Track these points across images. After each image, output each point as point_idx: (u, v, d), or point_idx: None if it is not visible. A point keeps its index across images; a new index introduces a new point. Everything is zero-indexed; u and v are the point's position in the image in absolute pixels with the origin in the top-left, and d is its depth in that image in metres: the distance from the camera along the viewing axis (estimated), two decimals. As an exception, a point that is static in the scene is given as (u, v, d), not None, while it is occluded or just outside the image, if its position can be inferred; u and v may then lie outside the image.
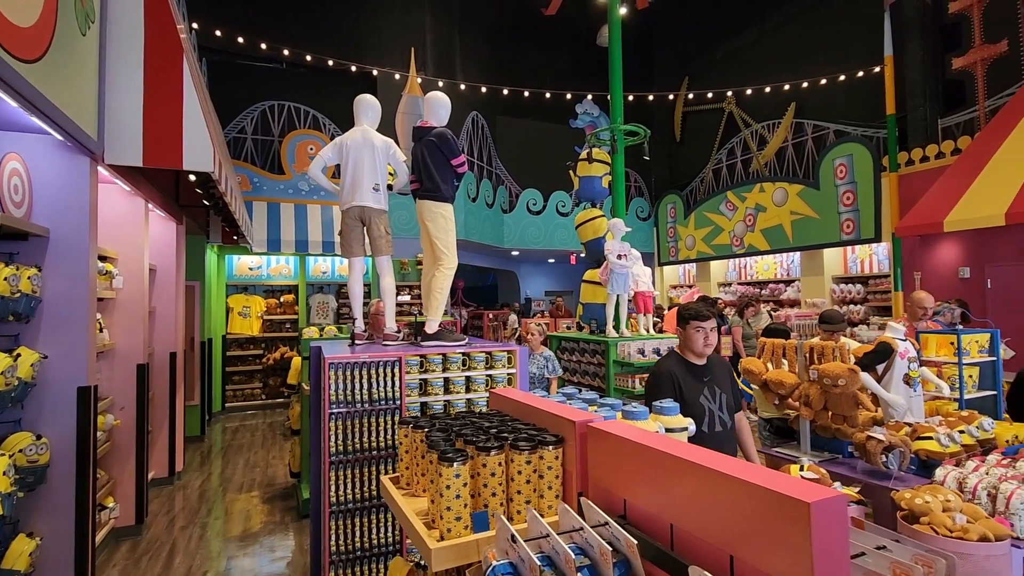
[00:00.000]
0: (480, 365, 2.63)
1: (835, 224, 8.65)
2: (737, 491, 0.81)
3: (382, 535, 2.42)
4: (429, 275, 2.97)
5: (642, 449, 1.03)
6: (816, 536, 0.70)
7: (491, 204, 10.83)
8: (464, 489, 1.18)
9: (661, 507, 0.97)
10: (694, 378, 2.40)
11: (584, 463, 1.21)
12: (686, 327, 2.44)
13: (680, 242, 12.03)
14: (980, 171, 6.57)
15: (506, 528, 0.97)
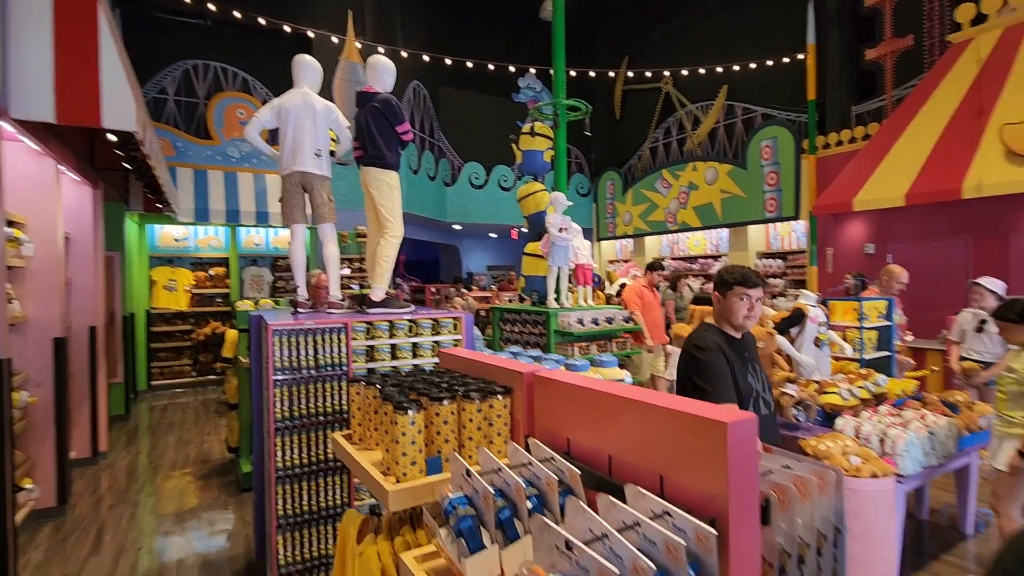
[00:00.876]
0: (427, 331, 2.68)
1: (760, 202, 9.21)
2: (667, 420, 0.93)
3: (330, 497, 2.46)
4: (374, 243, 2.96)
5: (584, 392, 1.13)
6: (731, 450, 0.82)
7: (433, 177, 10.70)
8: (419, 436, 1.25)
9: (600, 441, 1.08)
10: (737, 355, 2.05)
11: (531, 409, 1.30)
12: (727, 294, 2.07)
13: (618, 218, 12.40)
14: (885, 156, 7.18)
15: (461, 464, 1.05)
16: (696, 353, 1.99)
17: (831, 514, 0.99)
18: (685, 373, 2.05)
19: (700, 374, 1.95)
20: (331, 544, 2.47)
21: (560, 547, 0.78)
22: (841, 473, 1.00)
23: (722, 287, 2.10)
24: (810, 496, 0.96)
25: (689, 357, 2.03)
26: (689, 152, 11.45)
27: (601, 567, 0.71)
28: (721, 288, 2.10)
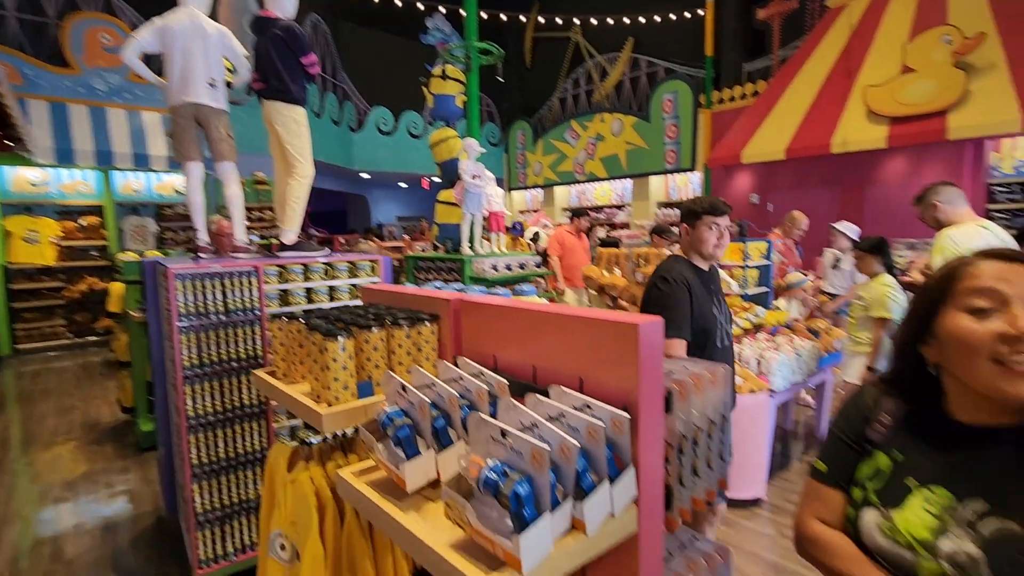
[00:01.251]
0: (343, 274, 2.64)
1: (661, 154, 9.69)
2: (586, 328, 1.03)
3: (248, 443, 2.41)
4: (283, 185, 2.81)
5: (509, 311, 1.21)
6: (642, 349, 0.94)
7: (338, 121, 10.10)
8: (350, 361, 1.28)
9: (525, 355, 1.18)
10: (703, 287, 2.02)
11: (458, 333, 1.37)
12: (696, 223, 2.03)
13: (529, 168, 12.50)
14: (769, 113, 7.80)
15: (396, 381, 1.10)
16: (660, 285, 1.98)
17: (720, 404, 1.17)
18: (646, 302, 2.04)
19: (660, 306, 1.93)
20: (252, 489, 2.45)
21: (495, 437, 0.87)
22: (730, 369, 1.17)
23: (690, 218, 2.06)
24: (703, 389, 1.12)
25: (653, 287, 2.01)
26: (597, 104, 11.68)
27: (533, 447, 0.80)
28: (689, 219, 2.06)
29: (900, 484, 0.83)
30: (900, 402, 0.89)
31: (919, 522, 0.78)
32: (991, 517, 0.73)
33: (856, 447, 0.91)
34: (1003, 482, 0.74)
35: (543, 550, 0.82)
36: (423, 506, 1.05)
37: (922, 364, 0.84)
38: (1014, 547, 0.70)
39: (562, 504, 0.86)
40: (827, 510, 0.91)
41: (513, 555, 0.79)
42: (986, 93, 5.94)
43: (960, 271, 0.77)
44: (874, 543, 0.82)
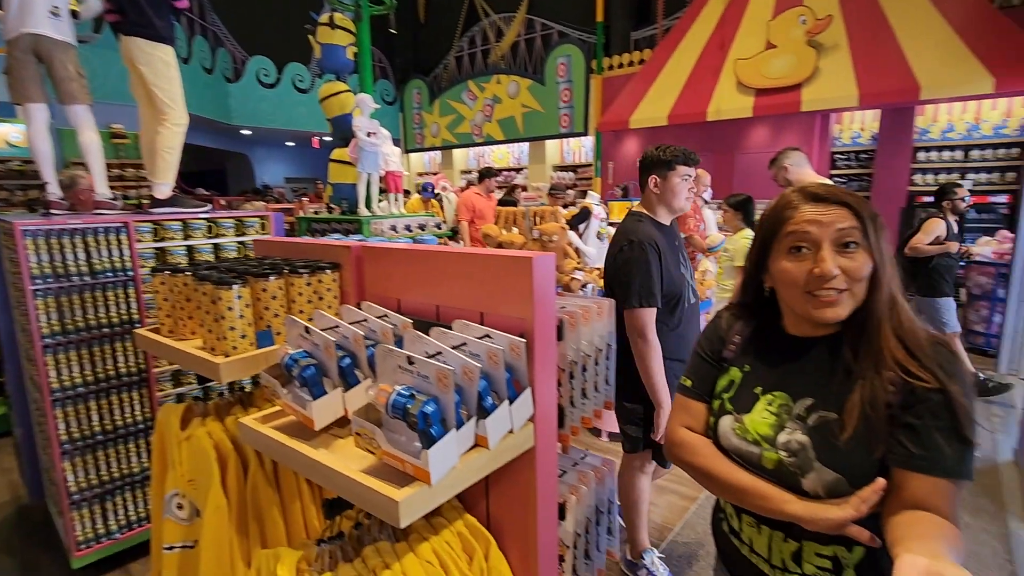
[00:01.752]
0: (230, 232, 2.48)
1: (556, 118, 9.91)
2: (486, 264, 1.10)
3: (127, 415, 2.24)
4: (151, 134, 2.53)
5: (411, 254, 1.25)
6: (536, 280, 1.03)
7: (210, 70, 9.11)
8: (247, 310, 1.25)
9: (428, 296, 1.23)
10: (668, 245, 1.91)
11: (360, 280, 1.38)
12: (668, 174, 1.91)
13: (426, 129, 12.20)
14: (654, 81, 8.24)
15: (299, 324, 1.10)
16: (627, 249, 1.87)
17: (606, 334, 1.31)
18: (613, 268, 1.93)
19: (628, 272, 1.84)
20: (137, 462, 2.29)
21: (402, 365, 0.92)
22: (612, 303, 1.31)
23: (662, 168, 1.92)
24: (591, 320, 1.25)
25: (620, 251, 1.90)
26: (493, 65, 11.59)
27: (438, 369, 0.87)
28: (660, 169, 1.93)
29: (749, 392, 0.99)
30: (748, 324, 1.05)
31: (763, 421, 0.94)
32: (816, 411, 0.90)
33: (715, 364, 1.06)
34: (822, 380, 0.91)
35: (449, 463, 0.89)
36: (332, 443, 1.08)
37: (763, 291, 1.01)
38: (829, 431, 0.87)
39: (466, 423, 0.93)
40: (692, 419, 1.06)
41: (422, 469, 0.86)
42: (831, 70, 6.73)
43: (784, 214, 0.92)
44: (729, 443, 0.97)
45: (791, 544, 0.93)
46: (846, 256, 0.85)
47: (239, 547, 1.28)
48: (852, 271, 0.84)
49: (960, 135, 7.01)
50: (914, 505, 0.79)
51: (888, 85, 6.33)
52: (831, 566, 0.90)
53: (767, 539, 0.96)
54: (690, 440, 1.03)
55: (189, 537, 1.38)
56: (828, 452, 0.86)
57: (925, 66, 6.13)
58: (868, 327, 0.86)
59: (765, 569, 0.98)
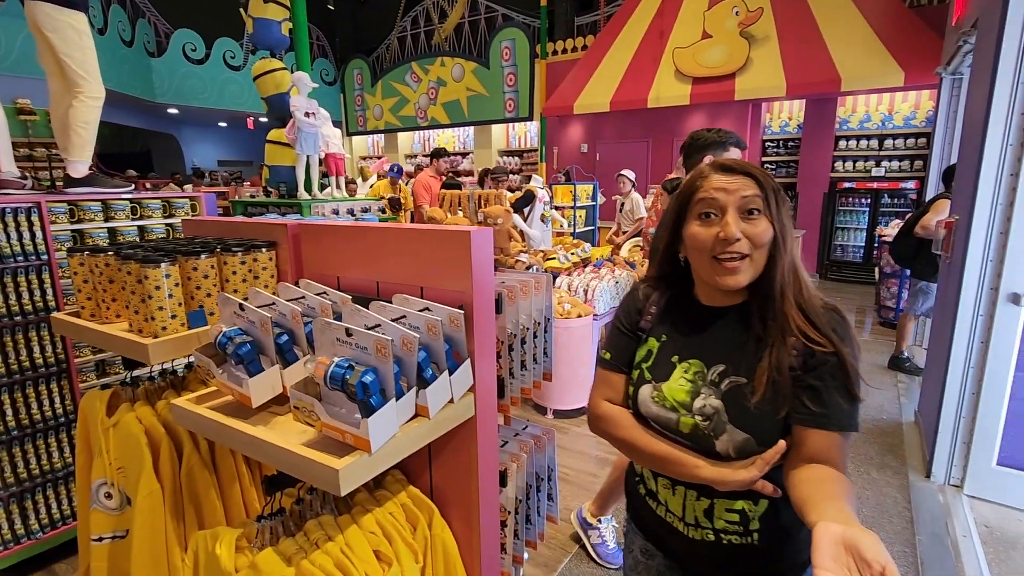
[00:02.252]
0: (157, 213, 2.35)
1: (501, 102, 9.88)
2: (424, 239, 1.11)
3: (48, 408, 2.11)
4: (62, 107, 2.35)
5: (351, 231, 1.24)
6: (474, 253, 1.05)
7: (130, 42, 8.47)
8: (176, 289, 1.20)
9: (368, 272, 1.23)
10: None
11: (298, 258, 1.36)
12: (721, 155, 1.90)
13: (368, 111, 11.87)
14: (597, 67, 8.36)
15: (233, 301, 1.08)
16: None
17: (544, 308, 1.35)
18: None
19: None
20: (59, 457, 2.17)
21: (340, 338, 0.92)
22: (551, 275, 1.35)
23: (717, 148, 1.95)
24: (529, 294, 1.29)
25: None
26: (437, 46, 11.38)
27: (377, 339, 0.88)
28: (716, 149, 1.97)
29: (667, 361, 1.02)
30: (663, 295, 1.10)
31: (680, 388, 1.00)
32: (728, 376, 0.96)
33: (632, 335, 1.10)
34: (733, 347, 0.98)
35: (389, 432, 0.91)
36: (271, 420, 1.07)
37: (677, 262, 1.07)
38: (740, 395, 0.94)
39: (406, 393, 0.95)
40: (613, 391, 1.10)
41: (362, 438, 0.87)
42: (762, 61, 7.05)
43: (696, 184, 0.98)
44: (648, 410, 1.03)
45: (703, 502, 1.00)
46: (749, 222, 0.92)
47: (175, 533, 1.26)
48: (754, 236, 0.91)
49: (876, 125, 7.52)
50: (812, 458, 0.87)
51: (812, 76, 6.70)
52: (739, 519, 0.98)
53: (681, 499, 1.03)
54: (611, 413, 1.08)
55: (120, 527, 1.33)
56: (739, 415, 0.93)
57: (845, 60, 6.53)
58: (772, 296, 0.93)
59: (679, 527, 1.04)
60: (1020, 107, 2.32)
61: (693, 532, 1.02)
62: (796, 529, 0.98)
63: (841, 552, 0.65)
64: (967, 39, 3.30)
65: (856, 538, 0.65)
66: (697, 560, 1.05)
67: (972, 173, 2.50)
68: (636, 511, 1.17)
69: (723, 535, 1.00)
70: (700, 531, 1.02)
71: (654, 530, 1.12)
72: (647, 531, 1.14)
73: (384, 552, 1.03)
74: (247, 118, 10.46)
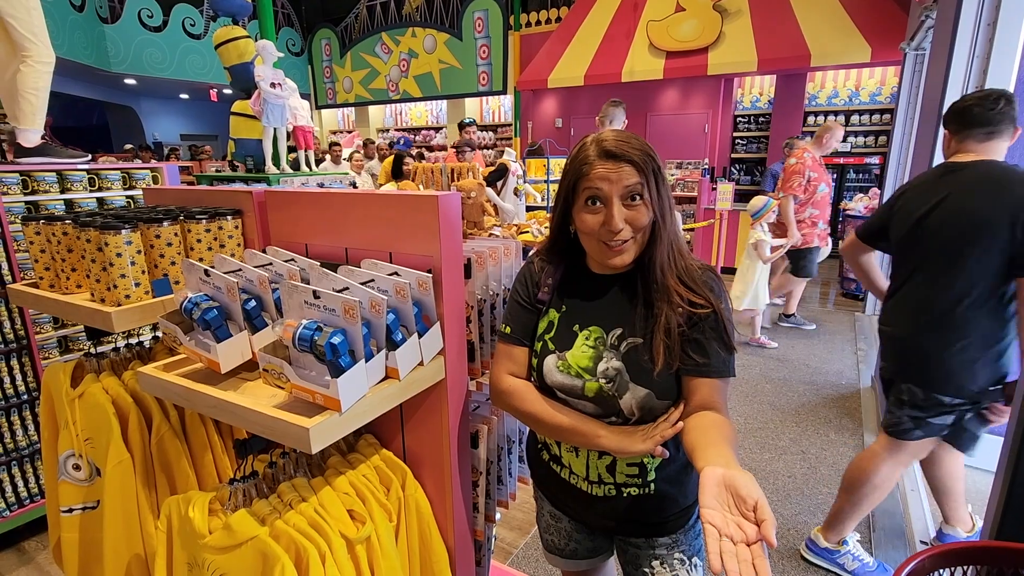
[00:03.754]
0: (117, 185, 2.28)
1: (474, 76, 9.71)
2: (393, 204, 1.12)
3: (8, 386, 2.06)
4: (8, 72, 2.24)
5: (319, 197, 1.23)
6: (442, 218, 1.06)
7: (80, 7, 8.02)
8: (139, 256, 1.18)
9: (336, 239, 1.23)
10: None
11: (265, 226, 1.35)
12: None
13: (337, 84, 11.54)
14: (571, 39, 8.27)
15: (197, 268, 1.07)
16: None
17: (513, 274, 1.37)
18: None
19: None
20: (23, 435, 2.12)
21: (308, 301, 0.93)
22: (520, 243, 1.37)
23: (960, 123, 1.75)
24: (498, 260, 1.30)
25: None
26: (408, 16, 11.08)
27: (345, 300, 0.89)
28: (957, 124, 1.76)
29: (568, 331, 1.07)
30: (558, 267, 1.14)
31: (583, 355, 1.05)
32: (625, 338, 1.01)
33: (532, 308, 1.13)
34: (626, 311, 1.04)
35: (359, 393, 0.93)
36: (240, 385, 1.08)
37: (569, 235, 1.10)
38: (638, 354, 1.00)
39: (376, 355, 0.97)
40: (515, 365, 1.13)
41: (332, 398, 0.89)
42: (734, 35, 7.07)
43: (581, 169, 1.01)
44: (554, 379, 1.07)
45: (606, 459, 1.08)
46: (631, 208, 0.97)
47: (147, 501, 1.26)
48: (635, 221, 0.97)
49: (843, 101, 7.66)
50: (699, 405, 0.96)
51: (783, 52, 6.76)
52: (638, 471, 1.08)
53: (584, 460, 1.11)
54: (515, 387, 1.12)
55: (90, 498, 1.33)
56: (639, 373, 1.00)
57: (815, 35, 6.60)
58: (654, 271, 1.00)
59: (582, 486, 1.12)
60: (976, 82, 2.39)
61: (596, 489, 1.11)
62: (685, 476, 1.10)
63: (723, 491, 0.72)
64: (928, 14, 3.37)
65: (734, 478, 0.72)
66: (598, 516, 1.14)
67: (928, 150, 2.58)
68: (540, 478, 1.26)
69: (623, 488, 1.09)
70: (603, 487, 1.10)
71: (556, 494, 1.21)
72: (551, 496, 1.23)
73: (358, 511, 1.05)
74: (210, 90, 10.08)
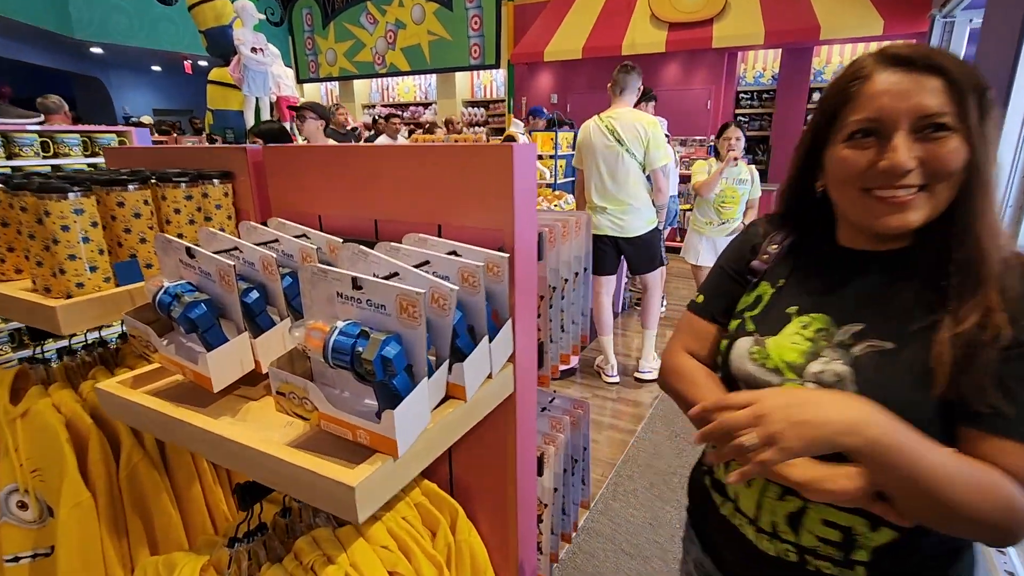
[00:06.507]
0: (75, 151, 1.93)
1: (465, 48, 9.26)
2: (446, 159, 0.82)
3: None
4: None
5: (337, 155, 0.93)
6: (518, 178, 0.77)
7: (35, -35, 7.37)
8: (95, 231, 0.87)
9: (362, 209, 0.93)
10: None
11: (263, 194, 1.04)
12: None
13: (320, 56, 10.97)
14: (568, 10, 7.88)
15: (176, 246, 0.77)
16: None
17: (582, 254, 1.09)
18: None
19: None
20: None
21: (343, 293, 0.64)
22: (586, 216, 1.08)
23: None
24: (568, 236, 1.02)
25: None
26: (394, -16, 10.51)
27: (402, 293, 0.60)
28: None
29: (780, 312, 0.79)
30: (788, 233, 0.84)
31: (792, 347, 0.74)
32: (865, 339, 0.70)
33: (738, 279, 0.86)
34: (879, 305, 0.72)
35: (420, 424, 0.64)
36: (240, 408, 0.78)
37: (810, 194, 0.79)
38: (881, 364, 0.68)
39: (437, 370, 0.68)
40: (697, 342, 0.87)
41: (386, 438, 0.60)
42: (740, 6, 6.75)
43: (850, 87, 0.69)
44: (743, 369, 0.78)
45: (790, 502, 0.72)
46: (932, 141, 0.64)
47: (116, 552, 0.97)
48: (937, 162, 0.63)
49: (849, 77, 7.42)
50: None
51: (791, 24, 6.47)
52: (840, 540, 0.69)
53: (757, 493, 0.76)
54: (687, 368, 0.84)
55: (42, 543, 1.03)
56: (874, 389, 0.66)
57: (825, 7, 6.31)
58: (963, 247, 0.65)
59: (748, 533, 0.78)
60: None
61: (767, 544, 0.75)
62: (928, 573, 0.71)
63: None
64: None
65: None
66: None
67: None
68: (696, 508, 0.92)
69: (810, 558, 0.72)
70: (776, 544, 0.74)
71: (711, 536, 0.87)
72: (704, 538, 0.89)
73: (402, 572, 0.78)
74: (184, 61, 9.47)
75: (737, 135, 3.22)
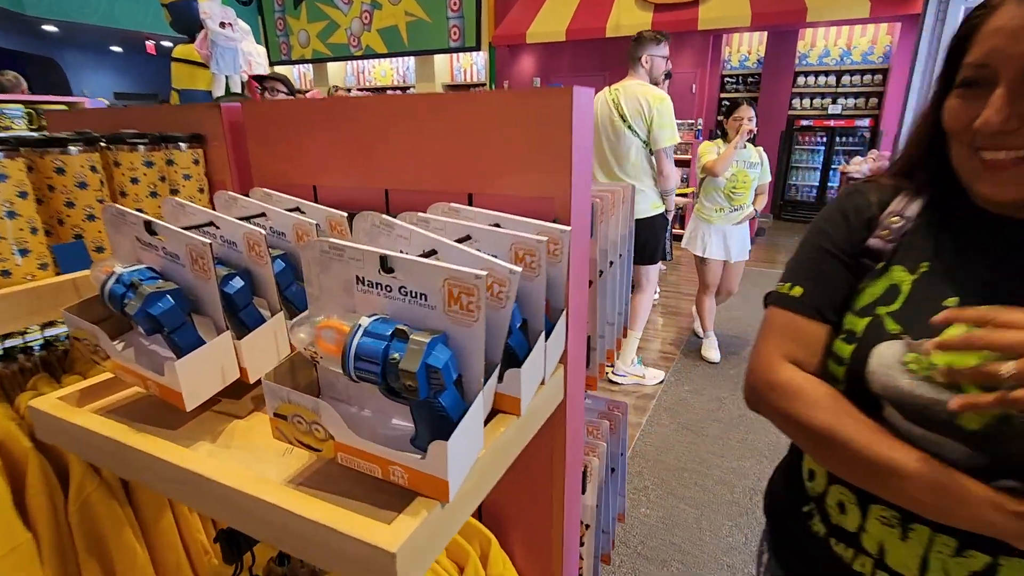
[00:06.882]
0: (19, 124, 1.69)
1: (445, 30, 8.97)
2: (478, 110, 0.65)
3: None
4: None
5: (335, 106, 0.75)
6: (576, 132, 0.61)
7: (-21, -66, 6.84)
8: (25, 204, 0.68)
9: (369, 177, 0.75)
10: None
11: (243, 160, 0.85)
12: None
13: (292, 37, 10.53)
14: (552, -10, 7.66)
15: (133, 220, 0.58)
16: None
17: (626, 233, 0.93)
18: None
19: None
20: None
21: (366, 278, 0.46)
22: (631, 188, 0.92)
23: None
24: (616, 209, 0.86)
25: None
26: (368, -37, 10.11)
27: (451, 276, 0.43)
28: None
29: (934, 306, 0.60)
30: (913, 199, 0.67)
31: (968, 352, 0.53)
32: None
33: (850, 262, 0.68)
34: None
35: (472, 454, 0.48)
36: (220, 430, 0.60)
37: (939, 148, 0.64)
38: None
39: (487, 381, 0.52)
40: (802, 348, 0.67)
41: (432, 476, 0.43)
42: (727, -12, 6.64)
43: (971, 25, 0.56)
44: (892, 385, 0.58)
45: (973, 558, 0.57)
46: None
47: (66, 603, 0.78)
48: None
49: (834, 60, 7.39)
50: None
51: (777, 6, 6.38)
52: None
53: (922, 547, 0.60)
54: (801, 385, 0.64)
55: (-26, 592, 0.84)
56: None
57: (812, -12, 6.24)
58: None
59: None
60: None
61: None
62: None
63: None
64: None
65: None
66: None
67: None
68: (797, 560, 0.74)
69: None
70: None
71: None
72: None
73: (432, 627, 0.62)
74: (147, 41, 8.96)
75: (750, 114, 3.02)
